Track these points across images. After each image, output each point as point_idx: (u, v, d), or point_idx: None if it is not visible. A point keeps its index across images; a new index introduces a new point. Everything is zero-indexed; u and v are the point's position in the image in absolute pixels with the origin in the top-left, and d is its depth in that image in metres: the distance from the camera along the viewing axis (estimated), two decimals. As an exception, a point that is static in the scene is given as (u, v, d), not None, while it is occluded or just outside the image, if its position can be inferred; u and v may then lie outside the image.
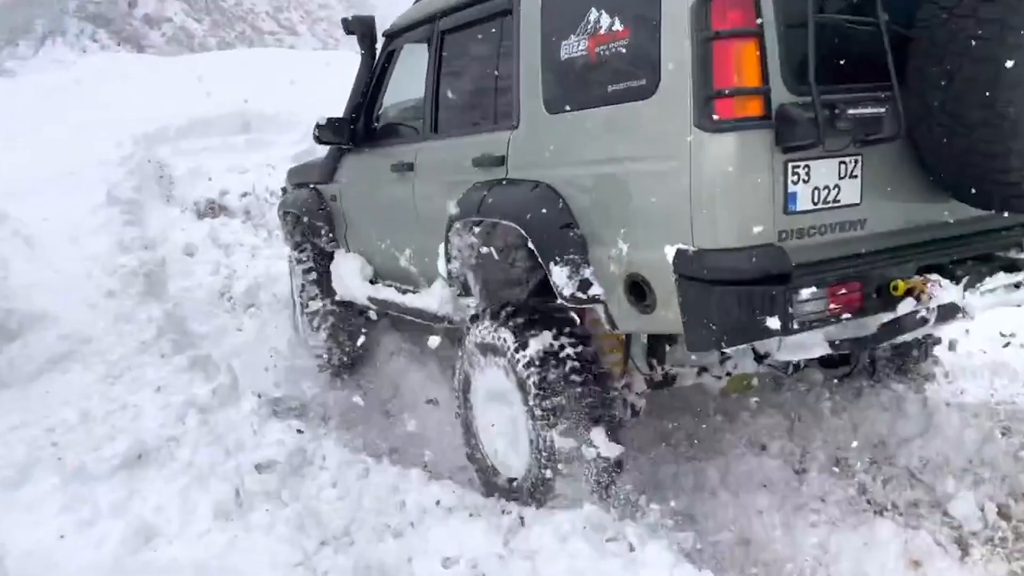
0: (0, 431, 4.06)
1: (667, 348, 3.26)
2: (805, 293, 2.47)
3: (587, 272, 2.96)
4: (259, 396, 4.44)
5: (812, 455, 3.78)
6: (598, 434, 3.11)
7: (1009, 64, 2.38)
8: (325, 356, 5.15)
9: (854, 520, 3.40)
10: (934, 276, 2.67)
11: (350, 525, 3.50)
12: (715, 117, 2.42)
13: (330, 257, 4.98)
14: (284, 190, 5.60)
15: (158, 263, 5.80)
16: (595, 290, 2.95)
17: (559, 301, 3.06)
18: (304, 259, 5.14)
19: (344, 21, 4.50)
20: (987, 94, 2.43)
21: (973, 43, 2.42)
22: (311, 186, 5.07)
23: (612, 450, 3.11)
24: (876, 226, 2.73)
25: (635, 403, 3.42)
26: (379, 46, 4.50)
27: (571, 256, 2.98)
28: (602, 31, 2.85)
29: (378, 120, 4.53)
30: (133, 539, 3.43)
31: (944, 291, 2.65)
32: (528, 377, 3.18)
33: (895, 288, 2.63)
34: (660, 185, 2.64)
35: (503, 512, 3.41)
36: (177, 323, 5.24)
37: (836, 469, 3.71)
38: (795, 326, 2.47)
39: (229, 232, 6.74)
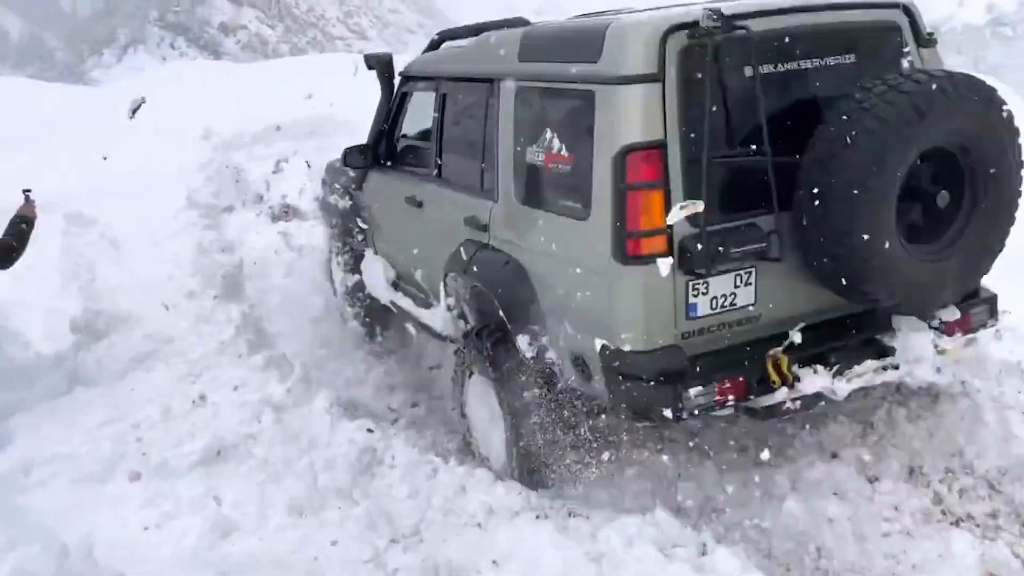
0: (89, 427, 4.25)
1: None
2: (693, 392, 3.11)
3: (544, 340, 3.55)
4: (331, 395, 4.54)
5: (886, 463, 3.68)
6: (543, 433, 3.61)
7: (866, 205, 2.97)
8: (365, 337, 5.67)
9: (928, 530, 3.32)
10: (805, 370, 3.23)
11: (419, 524, 3.57)
12: (627, 254, 3.04)
13: (362, 255, 5.43)
14: (324, 182, 5.93)
15: (235, 265, 5.98)
16: (550, 355, 3.54)
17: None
18: (342, 251, 5.64)
19: (365, 58, 5.09)
20: (851, 225, 3.00)
21: (841, 187, 2.98)
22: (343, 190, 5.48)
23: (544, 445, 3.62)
24: (770, 317, 3.29)
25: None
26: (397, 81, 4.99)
27: (532, 328, 3.57)
28: (554, 151, 3.41)
29: (397, 143, 5.04)
30: (211, 533, 3.56)
31: (813, 380, 3.23)
32: (498, 383, 3.73)
33: (773, 381, 3.19)
34: (592, 292, 3.24)
35: (570, 515, 3.43)
36: (253, 324, 5.39)
37: (910, 478, 3.62)
38: (684, 415, 3.12)
39: (302, 235, 6.91)
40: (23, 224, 4.39)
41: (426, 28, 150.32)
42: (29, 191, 4.56)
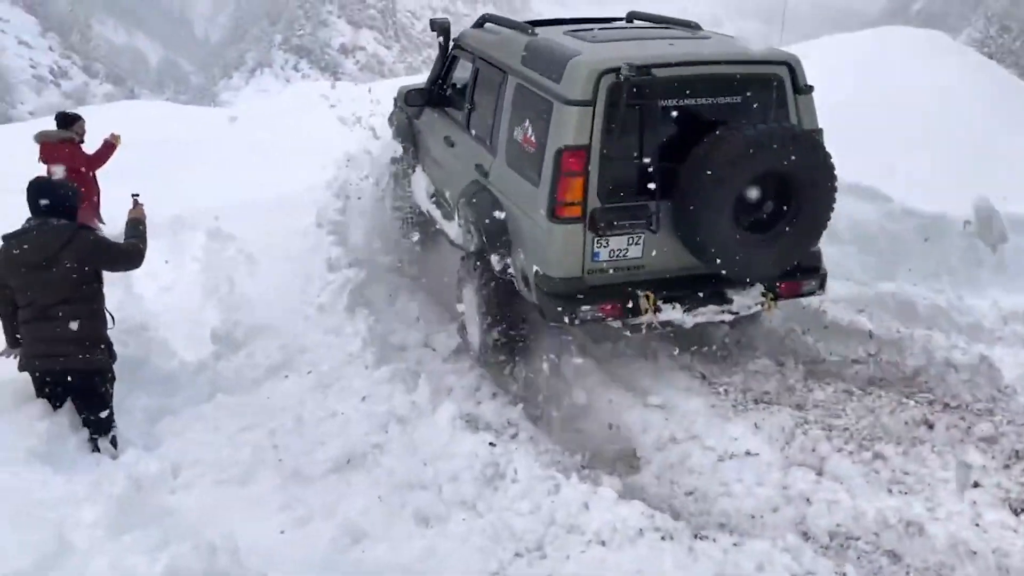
0: (230, 432, 4.49)
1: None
2: (583, 307, 4.64)
3: (508, 261, 5.11)
4: (454, 408, 4.62)
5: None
6: (498, 330, 5.21)
7: (711, 206, 4.49)
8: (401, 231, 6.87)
9: None
10: (667, 305, 4.72)
11: (542, 539, 3.60)
12: (556, 216, 4.57)
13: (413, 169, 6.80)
14: (395, 101, 7.32)
15: (362, 281, 6.18)
16: (510, 271, 5.11)
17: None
18: (399, 160, 6.90)
19: (431, 22, 6.31)
20: (702, 217, 4.52)
21: (698, 192, 4.47)
22: (406, 115, 6.95)
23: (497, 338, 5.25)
24: (651, 269, 4.77)
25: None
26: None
27: (501, 251, 5.11)
28: (528, 135, 4.87)
29: (444, 91, 6.39)
30: (342, 539, 3.70)
31: (670, 312, 4.73)
32: (478, 291, 5.30)
33: (645, 309, 4.67)
34: (536, 235, 4.77)
35: (696, 536, 3.39)
36: (379, 337, 5.57)
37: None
38: (577, 322, 4.68)
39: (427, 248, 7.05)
40: (140, 226, 4.65)
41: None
42: (137, 195, 4.85)
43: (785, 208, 4.66)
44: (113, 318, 4.58)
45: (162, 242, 7.17)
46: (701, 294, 4.78)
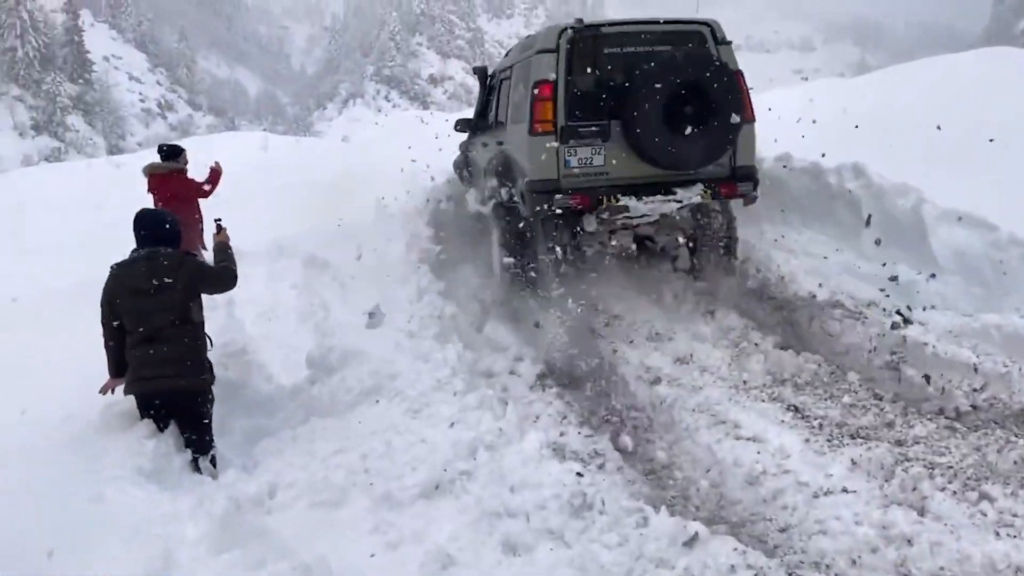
0: (323, 455, 4.60)
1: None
2: (558, 197, 6.18)
3: (512, 190, 6.79)
4: (541, 436, 4.63)
5: None
6: (514, 259, 6.79)
7: (644, 115, 6.13)
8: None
9: None
10: (624, 197, 6.26)
11: (630, 573, 3.55)
12: (534, 132, 6.21)
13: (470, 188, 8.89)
14: (456, 124, 9.11)
15: (448, 307, 6.28)
16: (515, 197, 6.73)
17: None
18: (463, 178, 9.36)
19: (472, 68, 9.23)
20: (638, 126, 6.17)
21: (634, 107, 6.11)
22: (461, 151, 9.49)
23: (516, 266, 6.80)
24: (612, 176, 6.32)
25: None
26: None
27: (508, 184, 6.86)
28: (518, 92, 6.73)
29: (484, 117, 8.33)
30: (431, 564, 3.73)
31: (626, 201, 6.25)
32: (496, 227, 7.10)
33: (603, 199, 6.22)
34: (524, 153, 6.40)
35: (788, 573, 3.29)
36: (467, 363, 5.64)
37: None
38: (556, 209, 6.19)
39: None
40: (228, 250, 4.87)
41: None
42: (220, 220, 5.08)
43: (702, 113, 6.14)
44: (211, 341, 4.78)
45: (260, 268, 7.47)
46: (652, 189, 6.36)
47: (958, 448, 4.46)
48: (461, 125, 8.76)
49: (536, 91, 6.20)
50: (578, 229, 6.52)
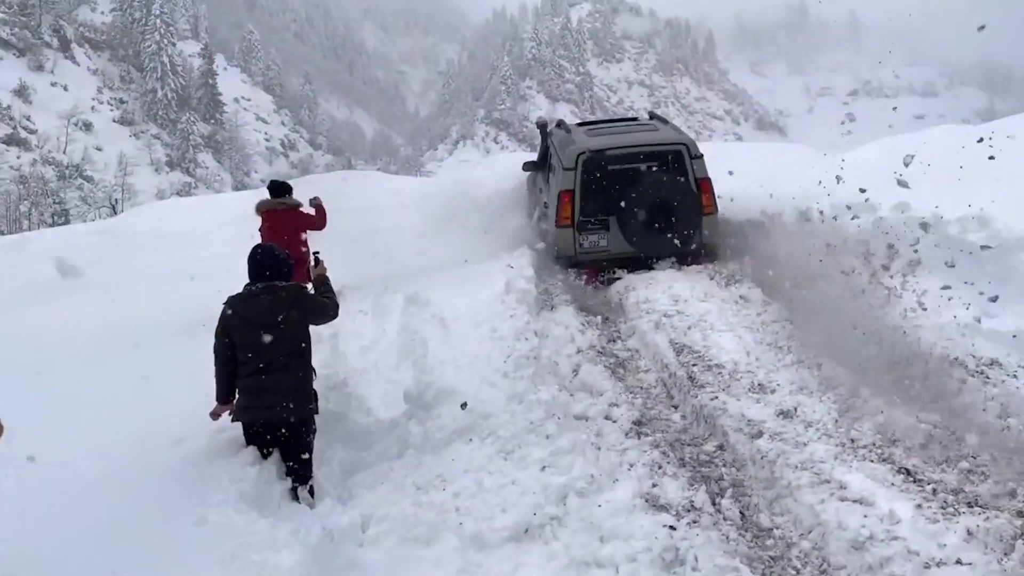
0: (416, 491, 4.66)
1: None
2: (574, 270, 9.15)
3: (546, 248, 9.77)
4: (634, 486, 4.55)
5: None
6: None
7: (630, 218, 9.07)
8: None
9: None
10: (619, 268, 9.02)
11: (722, 634, 3.42)
12: (559, 225, 9.31)
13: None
14: (523, 165, 11.74)
15: (544, 349, 6.29)
16: (551, 252, 9.72)
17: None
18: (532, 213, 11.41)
19: (535, 122, 12.57)
20: (627, 225, 9.12)
21: (625, 211, 9.05)
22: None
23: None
24: (612, 253, 9.21)
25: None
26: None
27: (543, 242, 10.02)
28: (550, 186, 10.03)
29: (544, 163, 10.87)
30: (519, 609, 3.70)
31: (620, 273, 8.90)
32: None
33: (609, 272, 9.10)
34: (552, 236, 9.62)
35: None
36: (562, 406, 5.61)
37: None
38: (573, 277, 9.04)
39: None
40: (327, 282, 5.07)
41: (732, 114, 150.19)
42: (317, 252, 5.32)
43: (670, 218, 8.88)
44: (316, 372, 4.94)
45: (366, 304, 7.69)
46: (637, 263, 8.99)
47: (1088, 524, 4.10)
48: (528, 167, 11.41)
49: (561, 197, 9.19)
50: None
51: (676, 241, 8.80)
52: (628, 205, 8.82)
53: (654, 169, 9.07)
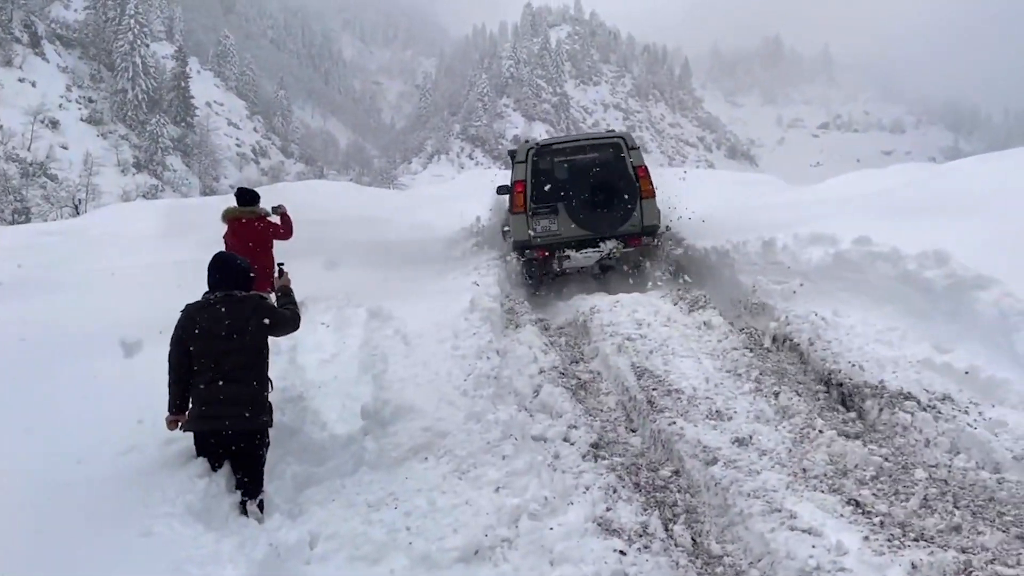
0: (366, 509, 4.61)
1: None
2: (527, 252, 10.74)
3: (511, 240, 11.17)
4: (587, 511, 4.53)
5: None
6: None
7: (572, 198, 10.65)
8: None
9: None
10: (569, 250, 10.67)
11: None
12: (514, 212, 10.77)
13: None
14: (497, 189, 12.13)
15: (506, 368, 6.27)
16: (506, 248, 11.56)
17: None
18: (504, 235, 12.21)
19: (508, 151, 12.34)
20: (570, 206, 10.64)
21: (568, 194, 10.63)
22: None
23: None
24: (563, 235, 10.64)
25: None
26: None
27: (506, 231, 11.89)
28: (511, 182, 11.15)
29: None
30: (463, 632, 3.66)
31: (570, 254, 10.68)
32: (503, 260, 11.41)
33: (561, 255, 10.74)
34: (510, 225, 11.23)
35: None
36: (520, 427, 5.59)
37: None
38: (524, 257, 10.88)
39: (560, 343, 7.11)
40: (290, 294, 5.05)
41: (705, 141, 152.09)
42: (282, 264, 5.33)
43: (613, 197, 10.31)
44: (272, 384, 4.88)
45: (328, 316, 7.62)
46: (585, 245, 10.51)
47: (1030, 562, 4.17)
48: (501, 190, 11.84)
49: (515, 187, 10.54)
50: (551, 267, 10.90)
51: (617, 220, 10.38)
52: (573, 191, 10.33)
53: (595, 158, 10.54)
